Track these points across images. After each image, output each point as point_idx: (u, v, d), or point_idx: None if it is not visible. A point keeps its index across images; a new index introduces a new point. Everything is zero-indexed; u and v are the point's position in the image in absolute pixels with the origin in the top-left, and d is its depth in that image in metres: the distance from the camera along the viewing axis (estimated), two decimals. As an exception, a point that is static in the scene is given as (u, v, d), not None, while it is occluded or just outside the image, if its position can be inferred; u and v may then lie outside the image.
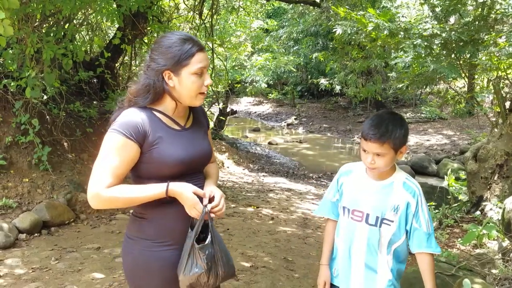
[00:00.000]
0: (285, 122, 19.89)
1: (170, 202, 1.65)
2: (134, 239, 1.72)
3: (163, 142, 1.65)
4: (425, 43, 4.65)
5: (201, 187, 1.75)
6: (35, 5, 4.83)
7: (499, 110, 5.14)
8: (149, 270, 1.69)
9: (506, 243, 3.69)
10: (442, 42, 4.62)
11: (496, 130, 5.23)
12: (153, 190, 1.62)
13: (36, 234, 4.47)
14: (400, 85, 6.39)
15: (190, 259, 1.63)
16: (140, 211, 1.71)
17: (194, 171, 1.75)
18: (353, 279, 1.93)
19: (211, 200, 1.71)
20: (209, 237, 1.68)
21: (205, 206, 1.66)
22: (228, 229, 5.11)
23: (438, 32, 4.51)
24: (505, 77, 5.12)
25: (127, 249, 1.74)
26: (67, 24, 6.08)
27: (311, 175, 10.61)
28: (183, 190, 1.63)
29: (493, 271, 3.22)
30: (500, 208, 4.34)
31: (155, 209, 1.67)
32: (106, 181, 1.58)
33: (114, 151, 1.60)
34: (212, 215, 1.69)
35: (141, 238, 1.70)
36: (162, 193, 1.62)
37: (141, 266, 1.69)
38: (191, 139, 1.75)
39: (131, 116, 1.64)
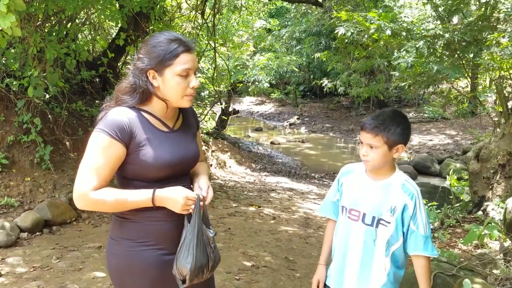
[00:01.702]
0: (287, 122, 19.88)
1: None
2: (116, 240, 1.70)
3: (150, 144, 1.63)
4: (428, 45, 4.64)
5: (188, 187, 1.73)
6: (37, 5, 4.84)
7: (502, 110, 5.13)
8: (132, 270, 1.67)
9: (507, 243, 3.67)
10: (445, 43, 4.60)
11: (498, 130, 5.22)
12: (140, 197, 1.60)
13: (37, 233, 4.48)
14: (403, 84, 6.38)
15: (198, 249, 1.61)
16: (122, 212, 1.68)
17: (181, 173, 1.73)
18: (346, 280, 1.91)
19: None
20: (212, 228, 1.71)
21: (198, 195, 1.65)
22: (229, 229, 5.11)
23: (441, 33, 4.50)
24: (508, 76, 5.10)
25: (110, 250, 1.73)
26: (70, 24, 6.09)
27: (313, 175, 10.60)
28: (169, 192, 1.61)
29: (495, 271, 3.20)
30: (502, 208, 4.32)
31: (137, 210, 1.64)
32: (92, 182, 1.57)
33: (99, 151, 1.58)
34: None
35: (124, 239, 1.68)
36: (149, 199, 1.60)
37: (125, 266, 1.68)
38: (179, 141, 1.73)
39: (117, 116, 1.61)
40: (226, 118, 13.33)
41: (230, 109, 13.94)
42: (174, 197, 1.60)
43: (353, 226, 1.89)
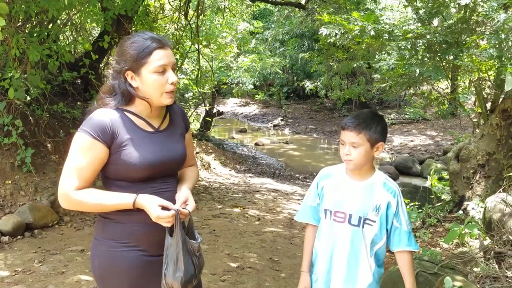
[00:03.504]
0: (271, 123, 19.93)
1: None
2: (100, 240, 1.72)
3: (132, 144, 1.64)
4: (410, 45, 4.71)
5: (173, 191, 1.74)
6: (18, 6, 4.75)
7: (481, 111, 5.23)
8: (115, 270, 1.68)
9: (487, 241, 3.75)
10: (426, 44, 4.67)
11: (477, 130, 5.32)
12: (121, 201, 1.62)
13: (19, 237, 4.41)
14: (384, 85, 6.46)
15: (185, 262, 1.63)
16: (106, 212, 1.69)
17: (165, 174, 1.73)
18: (333, 282, 1.93)
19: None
20: (198, 235, 1.74)
21: (177, 210, 1.65)
22: (214, 230, 5.11)
23: (423, 33, 4.56)
24: (487, 78, 5.21)
25: (94, 250, 1.74)
26: (51, 25, 6.01)
27: (297, 175, 10.65)
28: (146, 205, 1.61)
29: (475, 269, 3.27)
30: (481, 207, 4.41)
31: (120, 211, 1.65)
32: (74, 182, 1.60)
33: (81, 151, 1.60)
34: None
35: (107, 239, 1.70)
36: (129, 204, 1.62)
37: (108, 267, 1.69)
38: (164, 141, 1.73)
39: (99, 117, 1.63)
40: (210, 119, 13.30)
41: (214, 111, 13.90)
42: (148, 211, 1.62)
43: (339, 228, 1.91)
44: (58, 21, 6.46)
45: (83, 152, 1.60)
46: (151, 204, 1.61)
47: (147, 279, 1.69)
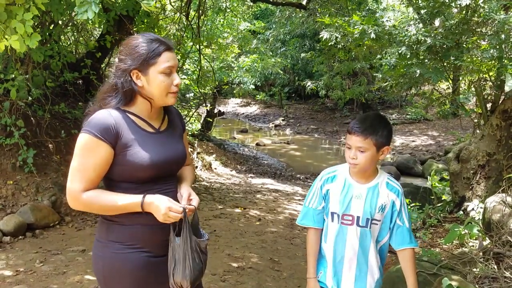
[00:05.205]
0: (272, 123, 19.95)
1: None
2: (103, 242, 1.72)
3: (136, 145, 1.65)
4: (411, 50, 4.72)
5: (175, 190, 1.77)
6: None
7: (481, 112, 5.24)
8: (119, 272, 1.69)
9: (486, 242, 3.76)
10: (427, 47, 4.68)
11: (478, 131, 5.33)
12: (129, 200, 1.62)
13: (20, 237, 4.43)
14: (385, 84, 6.47)
15: (193, 260, 1.66)
16: (109, 215, 1.70)
17: (168, 174, 1.75)
18: (344, 279, 1.96)
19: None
20: (203, 232, 1.79)
21: (184, 206, 1.68)
22: (215, 231, 5.12)
23: (424, 39, 4.57)
24: (487, 78, 5.22)
25: (97, 252, 1.74)
26: (52, 25, 6.03)
27: (298, 176, 10.66)
28: (156, 201, 1.62)
29: (474, 269, 3.28)
30: (481, 208, 4.42)
31: (125, 214, 1.66)
32: (81, 183, 1.60)
33: (86, 152, 1.61)
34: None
35: (111, 241, 1.70)
36: (138, 204, 1.62)
37: (112, 269, 1.69)
38: (165, 142, 1.75)
39: (103, 117, 1.64)
40: (211, 119, 13.32)
41: (215, 111, 13.94)
42: (157, 206, 1.62)
43: (348, 230, 1.94)
44: (60, 22, 6.47)
45: (88, 153, 1.60)
46: (161, 200, 1.62)
47: (153, 280, 1.70)
